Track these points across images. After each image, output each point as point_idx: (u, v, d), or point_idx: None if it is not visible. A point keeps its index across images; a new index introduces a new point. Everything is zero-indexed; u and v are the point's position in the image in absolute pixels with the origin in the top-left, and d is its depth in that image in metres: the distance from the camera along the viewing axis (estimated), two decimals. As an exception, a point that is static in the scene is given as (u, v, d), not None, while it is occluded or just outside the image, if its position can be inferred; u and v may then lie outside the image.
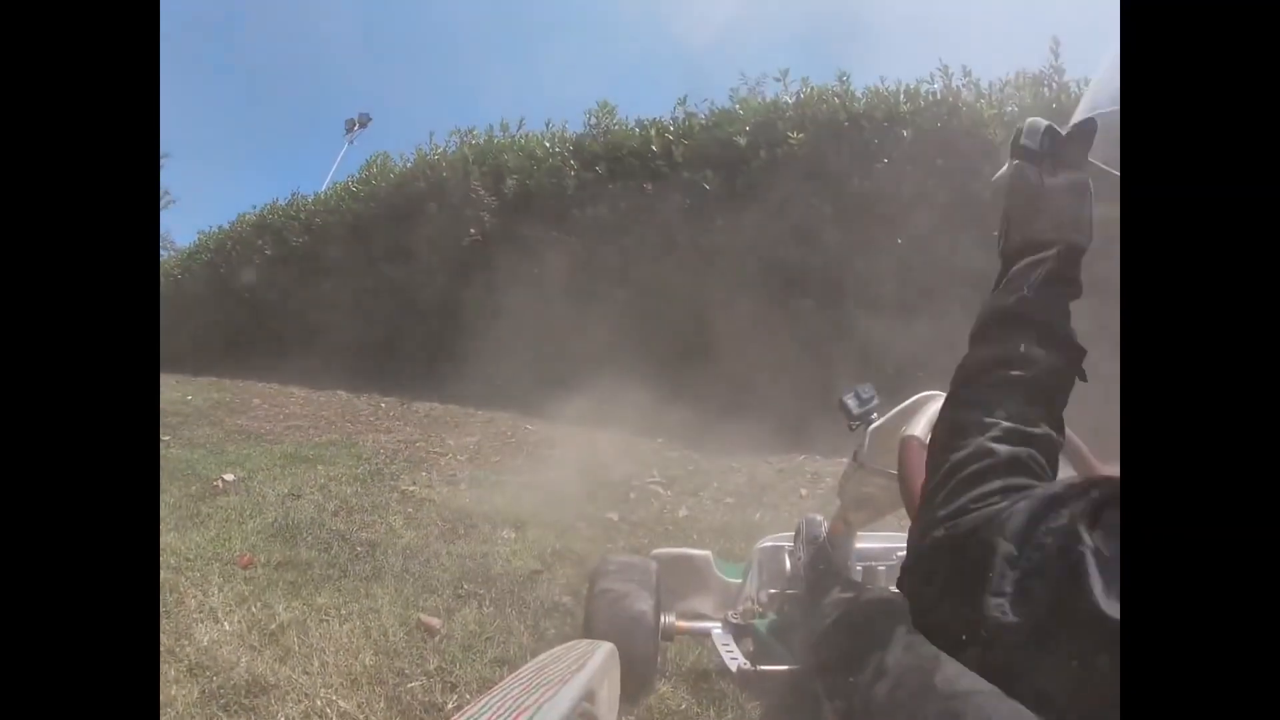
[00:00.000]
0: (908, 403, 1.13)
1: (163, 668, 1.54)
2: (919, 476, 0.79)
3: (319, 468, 3.64)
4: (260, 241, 7.91)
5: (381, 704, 1.40)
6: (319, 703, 1.38)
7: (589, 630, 1.44)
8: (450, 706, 1.39)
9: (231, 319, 8.34)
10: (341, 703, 1.38)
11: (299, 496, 3.07)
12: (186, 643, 1.65)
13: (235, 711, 1.37)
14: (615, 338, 5.26)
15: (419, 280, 6.33)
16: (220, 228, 8.93)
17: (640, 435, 4.56)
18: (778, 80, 5.20)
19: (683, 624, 1.60)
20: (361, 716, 1.34)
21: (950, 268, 4.22)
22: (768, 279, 4.68)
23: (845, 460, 3.48)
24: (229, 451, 4.08)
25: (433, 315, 6.28)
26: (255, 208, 8.43)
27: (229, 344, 8.49)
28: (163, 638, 1.68)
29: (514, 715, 0.69)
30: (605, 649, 0.97)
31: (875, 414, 1.26)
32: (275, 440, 4.57)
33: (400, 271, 6.51)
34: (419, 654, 1.61)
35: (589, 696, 0.82)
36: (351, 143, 11.88)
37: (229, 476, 3.38)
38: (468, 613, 1.84)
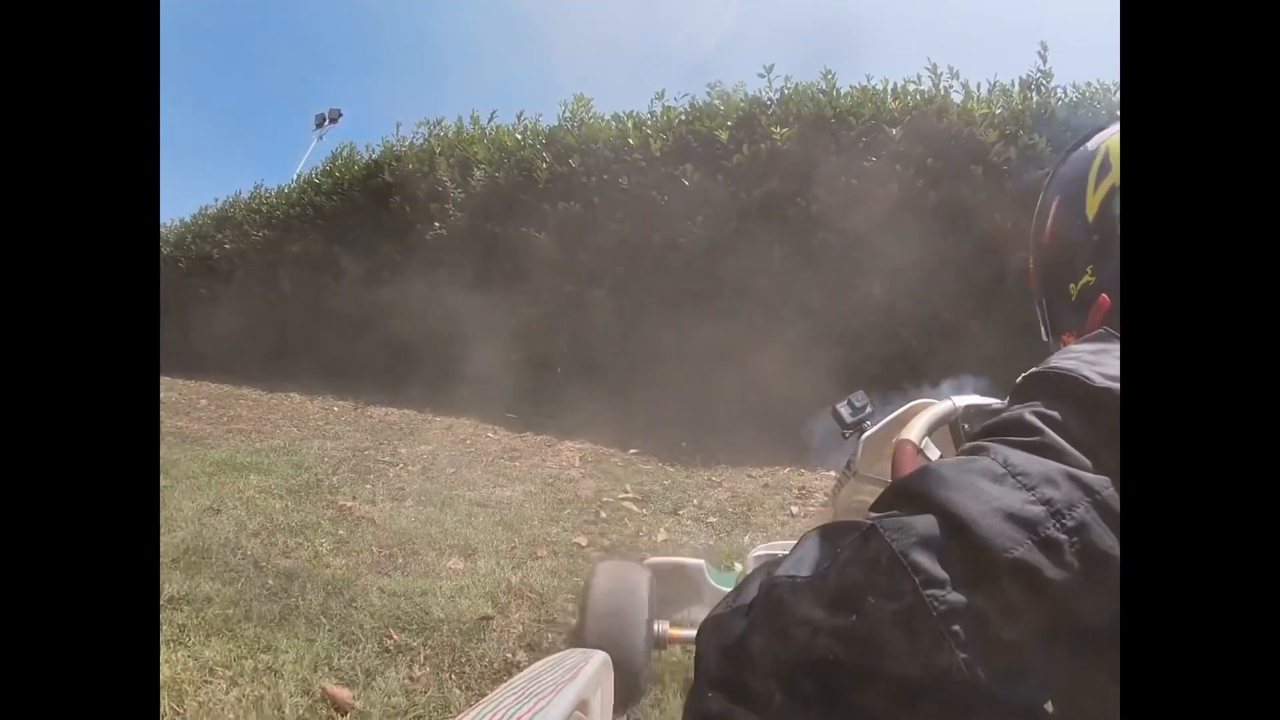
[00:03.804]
0: (900, 410, 1.10)
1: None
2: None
3: (251, 477, 3.18)
4: (220, 235, 7.41)
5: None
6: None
7: (581, 636, 1.41)
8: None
9: (189, 315, 7.79)
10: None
11: (219, 511, 2.62)
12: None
13: None
14: (586, 340, 4.88)
15: (382, 276, 5.88)
16: (182, 220, 8.41)
17: (611, 445, 4.19)
18: (762, 76, 4.86)
19: (675, 631, 1.56)
20: None
21: (939, 269, 3.94)
22: (746, 281, 4.34)
23: (833, 473, 3.09)
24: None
25: (396, 313, 5.83)
26: (217, 200, 7.95)
27: (185, 342, 7.95)
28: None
29: None
30: (598, 658, 0.93)
31: (868, 422, 1.23)
32: (213, 444, 4.10)
33: (362, 266, 6.05)
34: (318, 744, 1.18)
35: (582, 706, 0.79)
36: (321, 138, 11.30)
37: (147, 486, 2.91)
38: (392, 677, 1.41)
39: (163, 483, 2.99)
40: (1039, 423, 0.44)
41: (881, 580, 0.41)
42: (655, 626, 1.51)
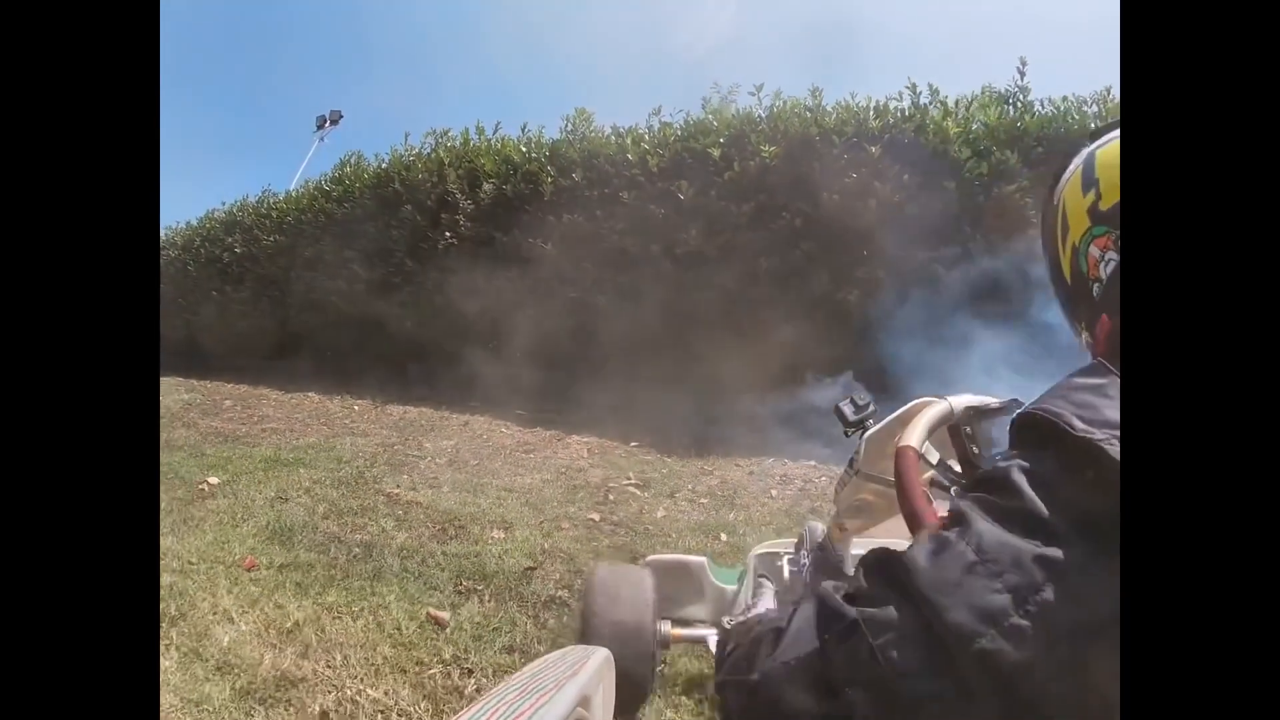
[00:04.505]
0: (903, 409, 1.12)
1: (190, 667, 1.69)
2: (916, 487, 0.87)
3: (300, 471, 3.76)
4: (230, 239, 7.91)
5: (406, 690, 1.57)
6: (349, 692, 1.55)
7: (585, 641, 1.45)
8: (471, 689, 1.57)
9: (198, 318, 8.32)
10: (369, 691, 1.55)
11: (286, 500, 3.20)
12: (208, 642, 1.80)
13: (271, 704, 1.52)
14: (589, 343, 5.44)
15: (393, 281, 6.42)
16: (188, 224, 8.90)
17: (614, 439, 4.76)
18: (752, 94, 5.41)
19: (678, 632, 1.62)
20: (390, 702, 1.52)
21: (913, 279, 4.49)
22: (737, 289, 4.89)
23: (812, 463, 3.72)
24: (208, 454, 4.17)
25: (408, 317, 6.39)
26: (224, 204, 8.45)
27: (195, 343, 8.47)
28: (182, 639, 1.83)
29: None
30: (600, 655, 1.00)
31: (871, 420, 1.25)
32: (252, 443, 4.66)
33: (373, 272, 6.58)
34: (433, 645, 1.79)
35: (584, 702, 0.84)
36: (322, 140, 11.85)
37: (213, 480, 3.49)
38: (471, 607, 2.01)
39: (224, 477, 3.57)
40: (1022, 483, 0.49)
41: (861, 671, 0.48)
42: (659, 627, 1.53)
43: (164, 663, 1.69)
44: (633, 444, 4.66)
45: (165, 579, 2.18)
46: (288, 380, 7.00)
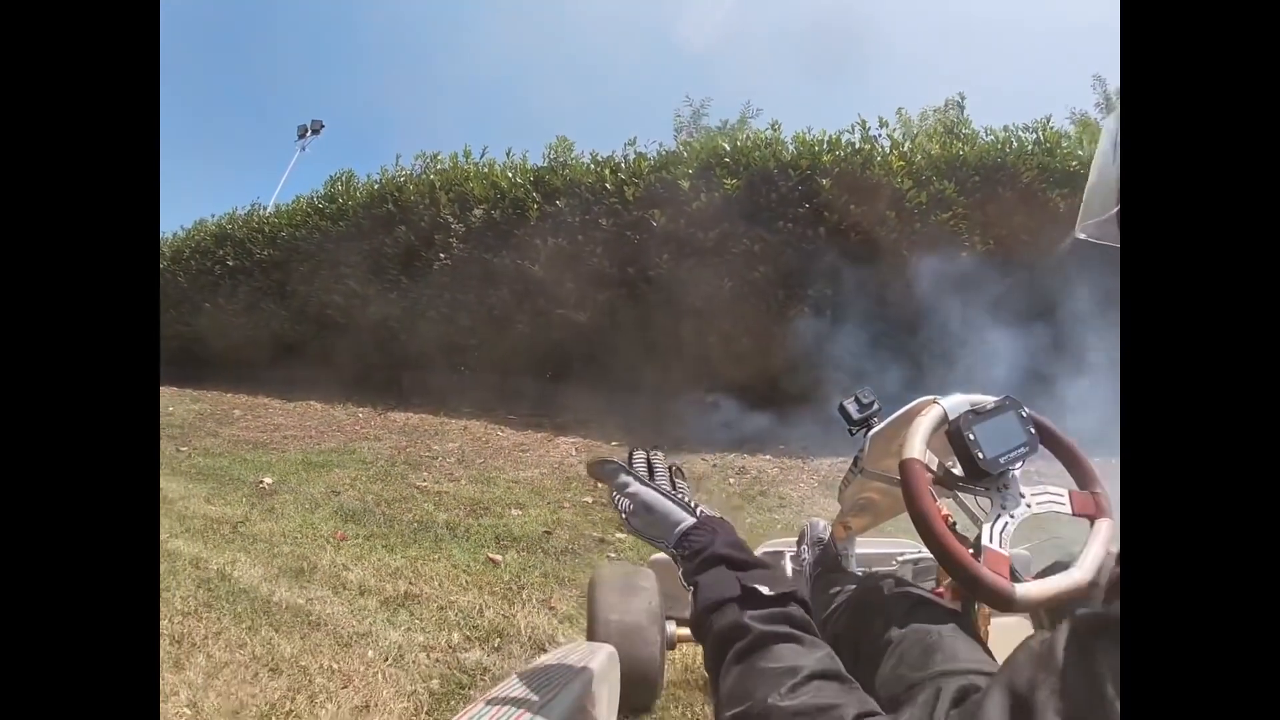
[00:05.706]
0: (907, 407, 1.15)
1: (341, 593, 2.78)
2: (926, 499, 0.95)
3: (335, 471, 4.84)
4: (221, 251, 8.82)
5: (487, 596, 2.69)
6: (451, 599, 2.66)
7: (592, 640, 1.50)
8: (525, 594, 2.70)
9: (191, 329, 9.25)
10: (464, 597, 2.67)
11: (338, 493, 4.28)
12: (342, 580, 2.90)
13: (408, 606, 2.62)
14: (572, 355, 6.55)
15: (390, 297, 7.42)
16: (175, 234, 9.75)
17: (597, 439, 5.87)
18: (720, 128, 6.54)
19: (684, 631, 1.68)
20: (480, 603, 2.62)
21: (859, 296, 5.62)
22: (702, 307, 5.97)
23: (767, 457, 5.05)
24: (248, 459, 5.23)
25: (401, 330, 7.42)
26: (214, 216, 9.35)
27: (188, 353, 9.38)
28: (324, 580, 2.91)
29: (515, 716, 0.77)
30: (605, 651, 1.07)
31: (876, 419, 1.29)
32: (279, 448, 5.71)
33: (368, 287, 7.58)
34: (494, 574, 2.91)
35: (589, 697, 0.90)
36: (304, 149, 12.81)
37: (268, 480, 4.55)
38: (512, 555, 3.14)
39: (276, 477, 4.64)
40: None
41: None
42: (666, 627, 1.59)
43: (320, 590, 2.80)
44: (614, 443, 5.77)
45: (285, 548, 3.28)
46: (286, 389, 8.00)
